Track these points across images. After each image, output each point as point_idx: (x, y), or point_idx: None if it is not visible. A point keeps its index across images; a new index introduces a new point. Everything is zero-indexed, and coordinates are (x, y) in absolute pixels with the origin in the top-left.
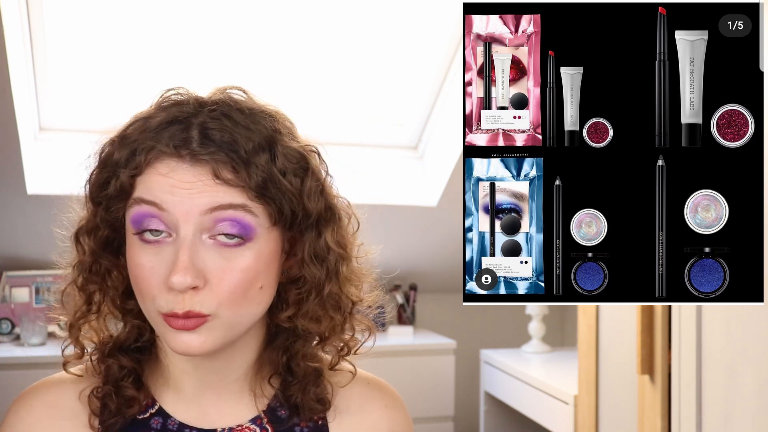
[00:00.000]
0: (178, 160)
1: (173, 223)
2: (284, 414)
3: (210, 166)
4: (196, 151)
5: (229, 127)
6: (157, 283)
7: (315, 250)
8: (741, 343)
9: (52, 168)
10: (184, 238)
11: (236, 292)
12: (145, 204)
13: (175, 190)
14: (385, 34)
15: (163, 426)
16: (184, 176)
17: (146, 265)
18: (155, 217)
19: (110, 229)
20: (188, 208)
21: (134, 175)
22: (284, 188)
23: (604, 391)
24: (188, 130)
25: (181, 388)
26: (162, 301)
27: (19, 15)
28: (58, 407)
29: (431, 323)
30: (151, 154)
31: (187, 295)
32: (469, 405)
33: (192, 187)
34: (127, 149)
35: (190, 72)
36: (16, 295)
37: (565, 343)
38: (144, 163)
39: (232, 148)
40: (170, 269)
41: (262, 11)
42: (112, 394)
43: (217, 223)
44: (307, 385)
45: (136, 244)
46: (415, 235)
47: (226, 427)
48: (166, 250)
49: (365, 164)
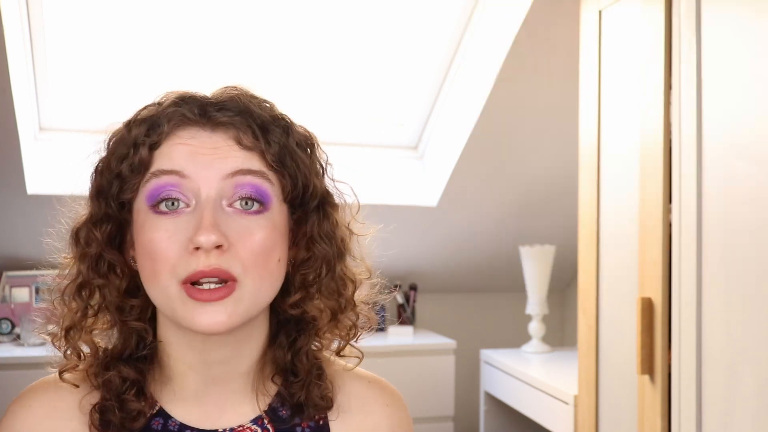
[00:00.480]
0: (198, 127)
1: (194, 190)
2: (286, 414)
3: (232, 131)
4: (216, 117)
5: (243, 101)
6: (177, 250)
7: (323, 228)
8: (741, 343)
9: (52, 168)
10: (206, 202)
11: (258, 259)
12: (164, 175)
13: (197, 156)
14: (385, 34)
15: (164, 427)
16: (206, 142)
17: (163, 235)
18: (175, 186)
19: (114, 224)
20: (210, 173)
21: (153, 147)
22: (298, 161)
23: (604, 391)
24: (204, 103)
25: (184, 388)
26: (183, 266)
27: (19, 15)
28: (58, 408)
29: (431, 323)
30: (173, 122)
31: (213, 254)
32: (469, 405)
33: (214, 152)
34: (144, 126)
35: (190, 72)
36: (16, 295)
37: (565, 343)
38: (165, 133)
39: (250, 116)
40: (191, 234)
41: (262, 11)
42: (114, 408)
43: (236, 188)
44: (310, 384)
45: (151, 218)
46: (415, 235)
47: (228, 427)
48: (184, 219)
49: (365, 164)
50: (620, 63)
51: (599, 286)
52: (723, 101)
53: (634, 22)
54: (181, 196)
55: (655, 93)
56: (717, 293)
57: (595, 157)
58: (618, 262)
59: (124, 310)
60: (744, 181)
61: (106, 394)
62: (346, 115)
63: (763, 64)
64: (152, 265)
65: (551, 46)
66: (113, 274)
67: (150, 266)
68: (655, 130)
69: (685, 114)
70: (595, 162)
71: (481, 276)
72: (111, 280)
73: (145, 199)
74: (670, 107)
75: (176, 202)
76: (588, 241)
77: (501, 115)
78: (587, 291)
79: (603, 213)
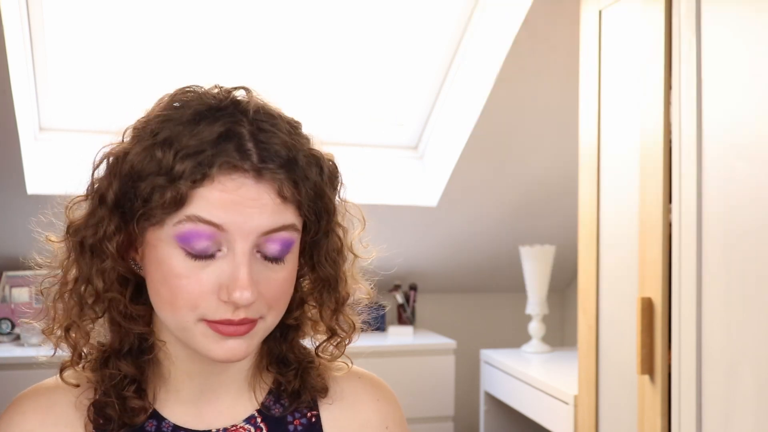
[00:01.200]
0: (242, 174)
1: (230, 242)
2: (278, 412)
3: (275, 182)
4: (259, 166)
5: (281, 140)
6: (204, 293)
7: (330, 253)
8: (741, 343)
9: (52, 168)
10: (243, 255)
11: (280, 300)
12: (201, 223)
13: (239, 208)
14: (385, 34)
15: (158, 429)
16: (248, 193)
17: (191, 277)
18: (212, 238)
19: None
20: (250, 228)
21: (194, 186)
22: (326, 200)
23: (604, 391)
24: (242, 141)
25: (179, 391)
26: (210, 310)
27: (19, 15)
28: (53, 413)
29: (431, 323)
30: (222, 167)
31: (242, 309)
32: (469, 405)
33: (255, 204)
34: (189, 161)
35: (191, 72)
36: (16, 295)
37: (565, 343)
38: (210, 176)
39: (292, 162)
40: (223, 283)
41: (263, 11)
42: (114, 404)
43: (268, 243)
44: (304, 371)
45: (178, 256)
46: (415, 235)
47: (221, 427)
48: (215, 265)
49: (365, 164)
50: (620, 63)
51: (599, 286)
52: (723, 101)
53: (634, 22)
54: (213, 247)
55: (655, 93)
56: (717, 293)
57: (595, 157)
58: (618, 262)
59: (128, 317)
60: (744, 181)
61: (106, 390)
62: (346, 115)
63: (763, 64)
64: (172, 299)
65: (551, 46)
66: (120, 285)
67: (168, 296)
68: (655, 130)
69: (685, 114)
70: (595, 162)
71: (481, 276)
72: (119, 291)
73: (175, 238)
74: (670, 107)
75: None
76: (588, 241)
77: (501, 115)
78: (587, 291)
79: (603, 213)
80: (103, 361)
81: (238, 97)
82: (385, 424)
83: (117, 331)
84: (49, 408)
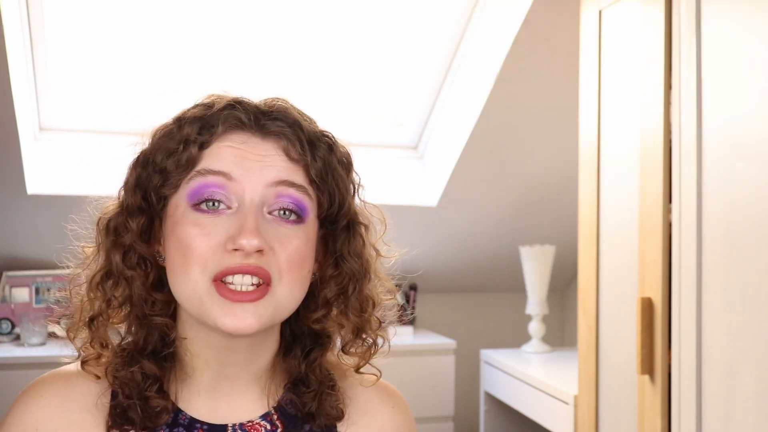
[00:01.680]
0: (250, 133)
1: (238, 193)
2: (294, 412)
3: (282, 141)
4: (268, 125)
5: (293, 114)
6: (213, 246)
7: (352, 246)
8: (741, 343)
9: (52, 168)
10: (250, 206)
11: (294, 266)
12: (211, 175)
13: (245, 161)
14: (385, 34)
15: (174, 421)
16: (255, 148)
17: (201, 231)
18: (220, 187)
19: (146, 217)
20: (256, 179)
21: (203, 146)
22: (338, 179)
23: (604, 391)
24: (257, 111)
25: (197, 383)
26: (217, 262)
27: (19, 15)
28: (69, 399)
29: (431, 323)
30: (226, 124)
31: (253, 256)
32: (469, 405)
33: (262, 159)
34: (196, 124)
35: (191, 72)
36: (16, 295)
37: (565, 343)
38: (218, 134)
39: (300, 129)
40: (230, 235)
41: (263, 11)
42: (136, 406)
43: (278, 197)
44: (322, 394)
45: (189, 214)
46: (415, 235)
47: (237, 422)
48: (224, 220)
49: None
50: (620, 63)
51: (599, 286)
52: (723, 101)
53: (634, 22)
54: (224, 198)
55: (655, 93)
56: (717, 293)
57: (595, 157)
58: (618, 262)
59: (148, 303)
60: (744, 181)
61: (127, 391)
62: (346, 115)
63: (763, 64)
64: (184, 258)
65: (551, 46)
66: (141, 268)
67: (181, 260)
68: (655, 130)
69: (685, 114)
70: (595, 162)
71: (481, 276)
72: (139, 272)
73: (186, 196)
74: (670, 107)
75: (218, 203)
76: (588, 241)
77: (501, 115)
78: (587, 291)
79: (603, 213)
80: (126, 362)
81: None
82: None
83: (140, 327)
84: (66, 392)
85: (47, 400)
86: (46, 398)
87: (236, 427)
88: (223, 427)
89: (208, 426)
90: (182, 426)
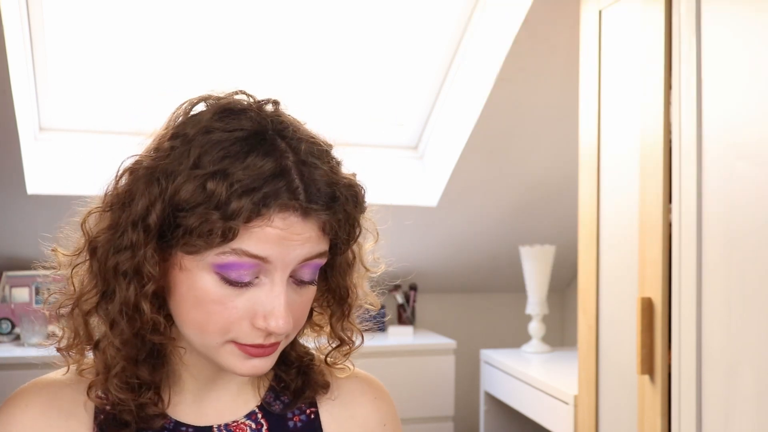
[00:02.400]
0: (292, 212)
1: (269, 271)
2: (279, 408)
3: (321, 221)
4: (306, 206)
5: (322, 175)
6: (238, 318)
7: (342, 263)
8: (741, 343)
9: (52, 168)
10: (281, 284)
11: (304, 319)
12: (247, 257)
13: (285, 242)
14: (385, 34)
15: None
16: (296, 229)
17: (227, 304)
18: (252, 268)
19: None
20: (291, 259)
21: (249, 220)
22: (355, 226)
23: (604, 391)
24: (291, 179)
25: (182, 388)
26: (242, 334)
27: (19, 15)
28: (54, 407)
29: (431, 323)
30: (279, 200)
31: (273, 336)
32: (469, 405)
33: (300, 239)
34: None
35: (191, 72)
36: (16, 295)
37: (565, 343)
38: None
39: (334, 200)
40: (258, 311)
41: (263, 11)
42: (131, 411)
43: (303, 267)
44: (305, 368)
45: (214, 281)
46: (415, 235)
47: (222, 423)
48: (251, 292)
49: (365, 164)
50: (620, 63)
51: (599, 286)
52: (723, 101)
53: (634, 22)
54: (253, 277)
55: (655, 93)
56: (717, 293)
57: (595, 157)
58: (618, 262)
59: (154, 330)
60: (744, 181)
61: (122, 397)
62: (346, 115)
63: (763, 64)
64: (203, 324)
65: (551, 46)
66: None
67: (200, 322)
68: (655, 130)
69: (685, 114)
70: (595, 162)
71: (481, 276)
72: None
73: (214, 266)
74: (670, 107)
75: (248, 282)
76: (588, 241)
77: (501, 115)
78: (587, 291)
79: (603, 213)
80: (122, 367)
81: (273, 115)
82: (383, 422)
83: (136, 341)
84: (52, 400)
85: (33, 408)
86: (32, 406)
87: (221, 428)
88: (208, 429)
89: (194, 429)
90: (167, 430)
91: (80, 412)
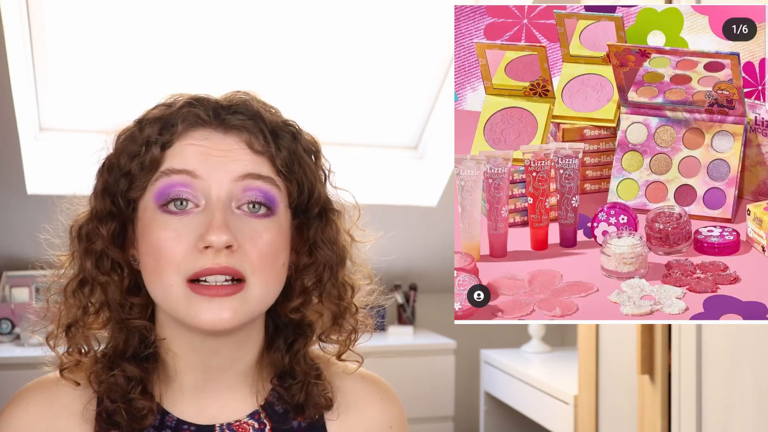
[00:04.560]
0: (211, 129)
1: (204, 191)
2: (282, 409)
3: (244, 135)
4: (229, 120)
5: (254, 105)
6: (184, 248)
7: (326, 234)
8: (741, 343)
9: (52, 168)
10: (217, 202)
11: (266, 261)
12: (175, 174)
13: (209, 157)
14: (385, 34)
15: (161, 423)
16: (218, 144)
17: (171, 234)
18: (186, 186)
19: (118, 222)
20: (222, 174)
21: (165, 146)
22: (305, 167)
23: (604, 391)
24: (217, 106)
25: (182, 385)
26: (190, 264)
27: (19, 15)
28: (55, 407)
29: (431, 323)
30: (186, 122)
31: (222, 253)
32: (469, 405)
33: (226, 154)
34: (156, 125)
35: (191, 72)
36: (16, 295)
37: (565, 343)
38: (178, 133)
39: (262, 120)
40: (200, 233)
41: (263, 12)
42: (121, 409)
43: (245, 191)
44: (309, 385)
45: (158, 217)
46: (415, 235)
47: (225, 422)
48: (193, 219)
49: (365, 164)
50: None
51: None
52: None
53: None
54: (191, 196)
55: None
56: None
57: None
58: None
59: (125, 307)
60: None
61: (112, 395)
62: (346, 115)
63: None
64: (157, 263)
65: None
66: (115, 272)
67: (154, 264)
68: None
69: None
70: None
71: None
72: (113, 277)
73: (153, 198)
74: None
75: (185, 202)
76: None
77: None
78: None
79: None
80: (108, 367)
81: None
82: (390, 424)
83: (119, 331)
84: (52, 400)
85: (34, 408)
86: (33, 406)
87: (224, 427)
88: (210, 428)
89: (196, 427)
90: (169, 428)
91: (81, 411)
